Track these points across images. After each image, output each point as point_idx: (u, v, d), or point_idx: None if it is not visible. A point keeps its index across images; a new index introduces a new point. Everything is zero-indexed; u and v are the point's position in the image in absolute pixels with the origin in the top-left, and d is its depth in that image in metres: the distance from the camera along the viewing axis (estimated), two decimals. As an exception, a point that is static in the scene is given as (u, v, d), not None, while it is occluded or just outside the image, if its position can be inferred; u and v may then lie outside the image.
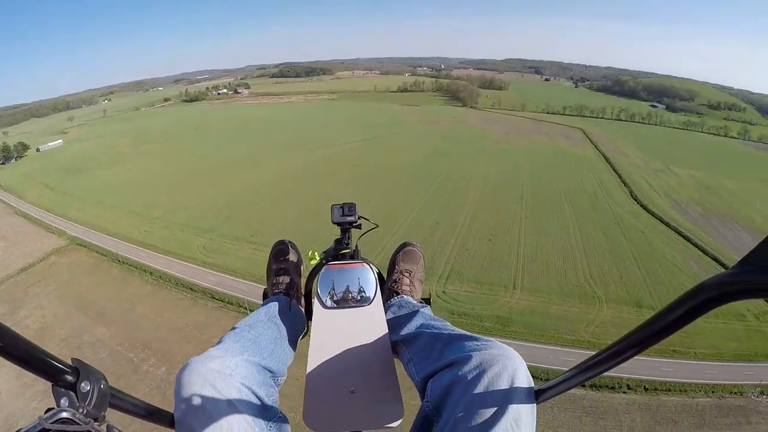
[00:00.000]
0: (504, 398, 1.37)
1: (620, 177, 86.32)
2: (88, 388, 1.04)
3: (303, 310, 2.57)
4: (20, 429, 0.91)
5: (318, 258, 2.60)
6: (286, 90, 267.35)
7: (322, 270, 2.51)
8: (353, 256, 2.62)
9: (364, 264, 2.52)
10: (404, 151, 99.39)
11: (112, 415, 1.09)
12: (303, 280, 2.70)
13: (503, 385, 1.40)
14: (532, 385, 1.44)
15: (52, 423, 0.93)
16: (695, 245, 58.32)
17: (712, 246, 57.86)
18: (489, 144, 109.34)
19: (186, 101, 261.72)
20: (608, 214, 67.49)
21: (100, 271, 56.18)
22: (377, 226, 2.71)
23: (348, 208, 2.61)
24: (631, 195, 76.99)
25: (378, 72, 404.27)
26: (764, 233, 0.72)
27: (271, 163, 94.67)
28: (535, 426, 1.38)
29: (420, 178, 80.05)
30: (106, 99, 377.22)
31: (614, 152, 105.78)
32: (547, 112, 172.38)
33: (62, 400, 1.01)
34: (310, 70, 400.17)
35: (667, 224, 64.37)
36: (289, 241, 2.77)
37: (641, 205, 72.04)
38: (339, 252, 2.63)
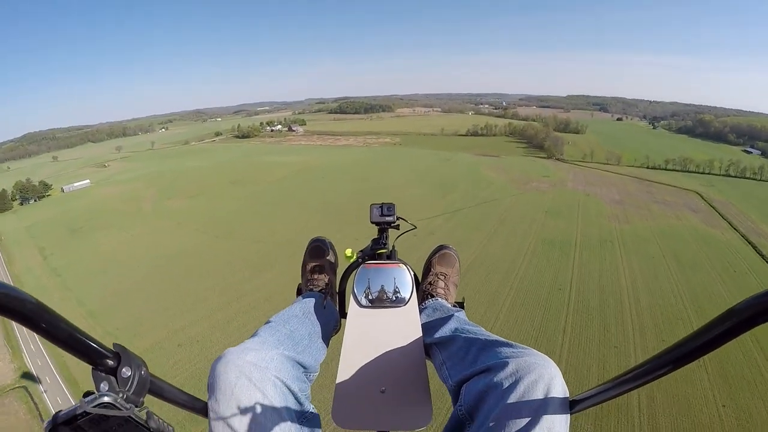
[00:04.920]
0: (539, 407, 1.36)
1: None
2: (129, 373, 1.05)
3: (336, 307, 2.61)
4: (59, 411, 0.93)
5: (355, 256, 2.59)
6: (343, 129, 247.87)
7: (359, 269, 2.48)
8: (390, 256, 2.59)
9: (401, 265, 2.47)
10: (502, 236, 71.29)
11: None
12: (337, 279, 2.71)
13: (539, 393, 1.39)
14: (568, 395, 1.43)
15: (93, 407, 0.93)
16: None
17: None
18: (606, 221, 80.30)
19: (238, 137, 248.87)
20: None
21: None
22: (415, 227, 2.67)
23: (387, 208, 2.62)
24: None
25: (439, 110, 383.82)
26: None
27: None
28: None
29: (547, 302, 50.91)
30: (164, 128, 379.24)
31: (753, 231, 77.43)
32: (647, 167, 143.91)
33: (102, 384, 1.01)
34: (369, 107, 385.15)
35: None
36: (326, 239, 2.79)
37: None
38: (376, 252, 2.58)
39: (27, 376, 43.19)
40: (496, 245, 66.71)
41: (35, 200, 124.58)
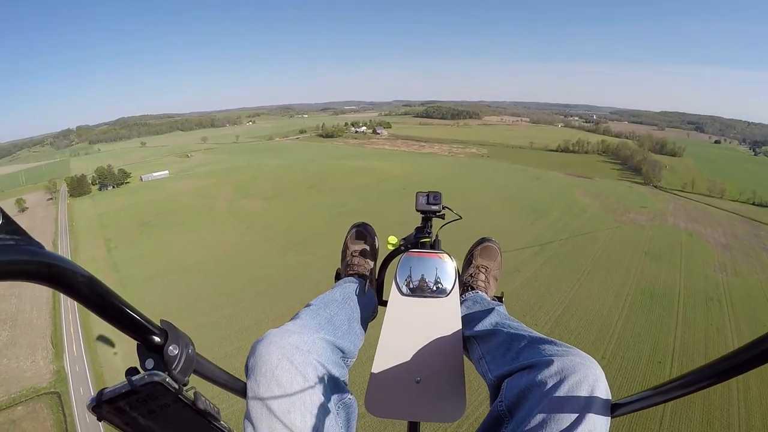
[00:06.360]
0: (582, 408, 1.35)
1: None
2: (177, 351, 1.03)
3: (375, 294, 2.62)
4: (105, 389, 0.91)
5: (397, 244, 2.62)
6: (428, 135, 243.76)
7: (402, 257, 2.46)
8: (433, 245, 2.56)
9: (444, 255, 2.44)
10: (596, 281, 63.77)
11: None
12: (377, 265, 2.75)
13: (583, 394, 1.38)
14: (610, 397, 1.43)
15: (142, 386, 0.92)
16: None
17: None
18: (712, 272, 70.89)
19: (321, 136, 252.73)
20: None
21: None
22: (461, 217, 2.60)
23: (433, 197, 2.61)
24: None
25: (528, 120, 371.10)
26: None
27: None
28: None
29: (643, 380, 43.43)
30: (251, 121, 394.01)
31: None
32: (753, 203, 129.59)
33: (147, 362, 1.00)
34: (456, 113, 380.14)
35: None
36: (367, 225, 2.83)
37: None
38: (419, 240, 2.59)
39: (62, 381, 42.93)
40: (589, 291, 60.31)
41: (113, 187, 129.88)
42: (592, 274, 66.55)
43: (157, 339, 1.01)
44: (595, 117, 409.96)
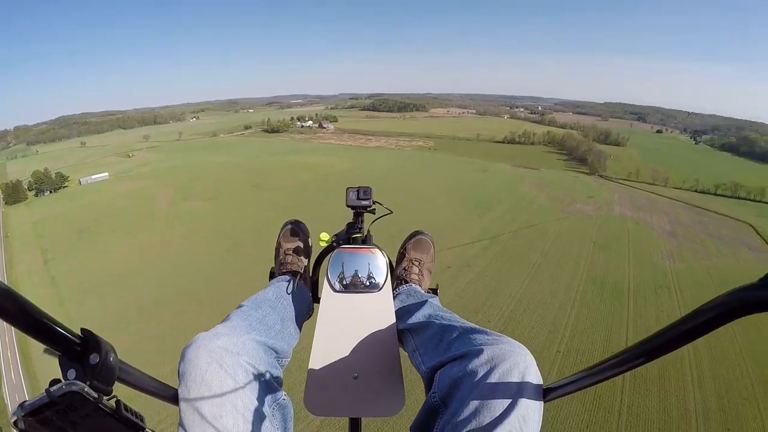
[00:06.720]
0: (513, 394, 1.37)
1: None
2: (98, 360, 0.99)
3: (309, 292, 2.59)
4: (25, 402, 0.88)
5: (329, 240, 2.56)
6: (375, 128, 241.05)
7: (333, 253, 2.49)
8: (365, 241, 2.58)
9: (376, 250, 2.48)
10: (547, 273, 62.81)
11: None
12: (311, 263, 2.72)
13: (513, 380, 1.40)
14: (542, 382, 1.45)
15: (60, 396, 0.89)
16: None
17: None
18: (659, 259, 72.52)
19: (267, 131, 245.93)
20: None
21: None
22: (391, 212, 2.62)
23: (363, 192, 2.59)
24: None
25: (474, 112, 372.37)
26: None
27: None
28: (541, 424, 1.39)
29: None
30: (195, 117, 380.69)
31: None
32: (696, 190, 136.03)
33: (69, 372, 0.97)
34: (403, 105, 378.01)
35: None
36: (300, 222, 2.78)
37: None
38: (351, 236, 2.58)
39: (2, 413, 38.13)
40: (540, 285, 58.95)
41: (51, 192, 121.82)
42: (542, 266, 65.64)
43: (77, 348, 0.98)
44: (540, 108, 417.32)
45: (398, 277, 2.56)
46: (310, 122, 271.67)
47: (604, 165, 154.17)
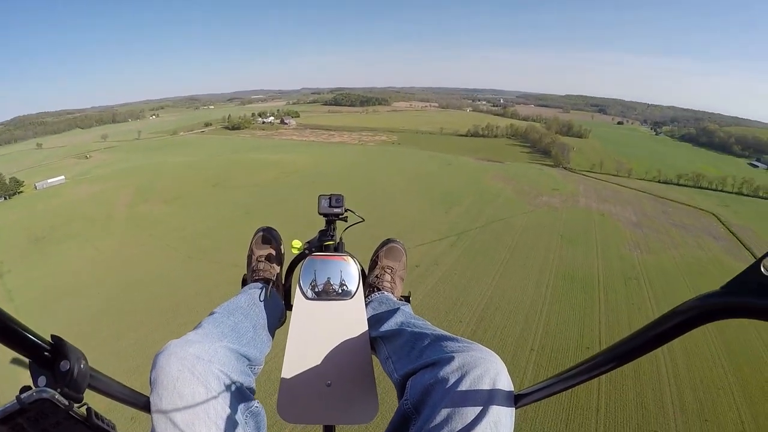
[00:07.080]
0: (485, 401, 1.38)
1: None
2: (68, 367, 0.98)
3: (282, 299, 2.58)
4: None
5: (301, 248, 2.58)
6: (337, 123, 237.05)
7: (305, 260, 2.49)
8: (337, 248, 2.60)
9: (348, 257, 2.49)
10: (516, 269, 61.34)
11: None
12: (283, 270, 2.72)
13: (484, 387, 1.41)
14: (513, 389, 1.46)
15: (30, 404, 0.88)
16: None
17: None
18: (627, 251, 72.03)
19: (228, 128, 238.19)
20: None
21: None
22: (363, 219, 2.69)
23: (336, 200, 2.63)
24: None
25: (437, 105, 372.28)
26: None
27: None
28: (513, 430, 1.41)
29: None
30: (154, 114, 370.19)
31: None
32: (659, 181, 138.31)
33: (40, 379, 0.96)
34: (365, 99, 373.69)
35: None
36: (272, 229, 2.80)
37: None
38: (323, 243, 2.60)
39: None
40: (510, 281, 57.28)
41: (5, 198, 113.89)
42: (510, 262, 64.08)
43: (47, 355, 0.97)
44: (502, 101, 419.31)
45: (370, 284, 2.56)
46: (271, 118, 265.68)
47: (568, 157, 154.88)
